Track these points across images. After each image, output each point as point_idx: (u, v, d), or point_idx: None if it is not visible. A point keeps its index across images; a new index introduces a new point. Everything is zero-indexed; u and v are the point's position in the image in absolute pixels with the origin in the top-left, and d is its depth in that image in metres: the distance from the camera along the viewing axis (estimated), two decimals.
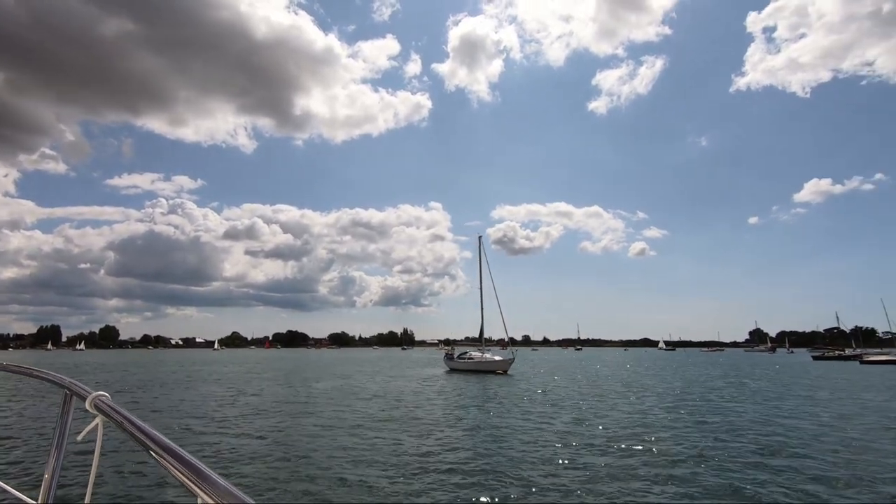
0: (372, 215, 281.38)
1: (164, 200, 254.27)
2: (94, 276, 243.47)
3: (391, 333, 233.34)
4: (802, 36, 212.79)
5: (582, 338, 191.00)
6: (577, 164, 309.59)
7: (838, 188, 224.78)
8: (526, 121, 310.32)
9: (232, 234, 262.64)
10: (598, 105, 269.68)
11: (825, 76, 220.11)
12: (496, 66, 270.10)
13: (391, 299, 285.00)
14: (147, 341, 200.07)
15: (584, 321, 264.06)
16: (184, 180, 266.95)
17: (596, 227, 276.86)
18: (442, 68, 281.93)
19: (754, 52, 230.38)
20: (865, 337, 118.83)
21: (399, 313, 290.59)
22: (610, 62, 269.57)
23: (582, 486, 7.57)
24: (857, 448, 10.20)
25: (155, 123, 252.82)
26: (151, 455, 0.96)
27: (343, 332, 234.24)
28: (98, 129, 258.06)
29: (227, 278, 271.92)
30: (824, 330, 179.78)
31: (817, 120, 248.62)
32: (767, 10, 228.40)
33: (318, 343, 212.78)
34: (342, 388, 24.00)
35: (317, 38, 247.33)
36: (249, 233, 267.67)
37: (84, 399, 1.29)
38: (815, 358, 63.86)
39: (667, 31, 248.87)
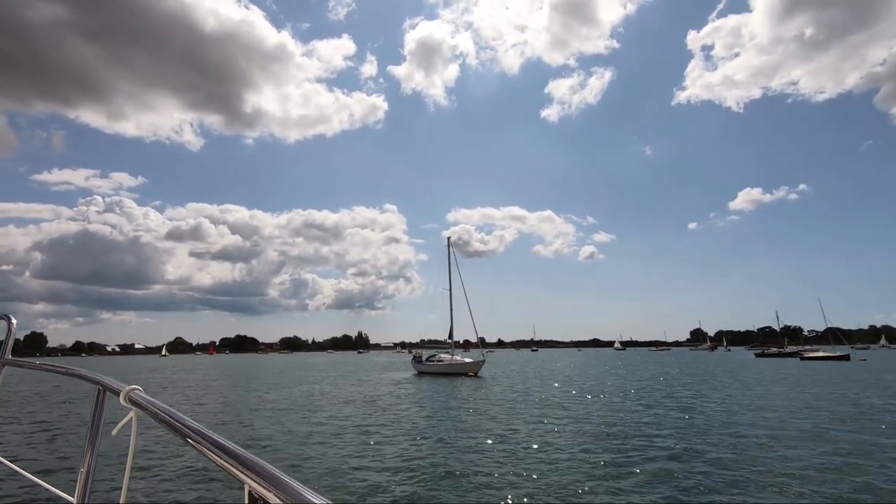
0: (325, 217, 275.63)
1: (99, 198, 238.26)
2: (17, 278, 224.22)
3: (345, 337, 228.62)
4: (737, 55, 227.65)
5: (535, 339, 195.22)
6: (530, 169, 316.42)
7: (768, 197, 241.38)
8: (481, 126, 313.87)
9: (176, 235, 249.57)
10: (551, 113, 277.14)
11: (756, 93, 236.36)
12: (452, 71, 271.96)
13: (345, 302, 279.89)
14: (79, 348, 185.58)
15: (536, 323, 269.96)
16: (123, 177, 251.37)
17: (548, 231, 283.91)
18: (398, 71, 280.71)
19: (694, 69, 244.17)
20: (792, 335, 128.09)
21: (353, 316, 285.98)
22: (562, 72, 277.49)
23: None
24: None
25: (90, 116, 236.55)
26: (191, 444, 0.95)
27: (295, 336, 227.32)
28: (26, 121, 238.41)
29: (170, 281, 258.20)
30: (757, 329, 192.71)
31: (750, 133, 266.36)
32: (706, 29, 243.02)
33: (268, 347, 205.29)
34: (313, 393, 22.84)
35: (269, 34, 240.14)
36: (195, 233, 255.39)
37: (117, 394, 1.30)
38: (757, 356, 67.88)
39: (615, 44, 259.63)
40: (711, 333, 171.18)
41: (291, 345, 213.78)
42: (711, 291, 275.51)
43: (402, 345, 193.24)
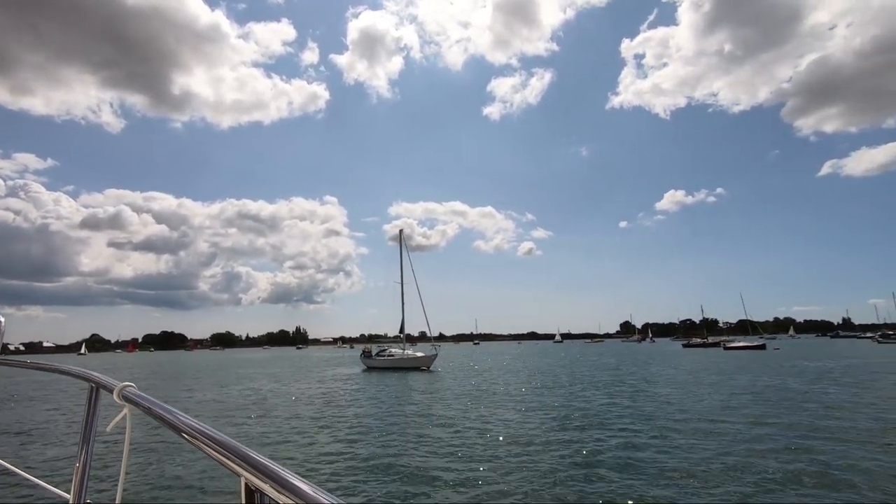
0: (261, 207, 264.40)
1: (0, 181, 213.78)
2: None
3: (282, 332, 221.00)
4: (665, 65, 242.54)
5: (475, 333, 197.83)
6: (472, 165, 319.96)
7: (690, 199, 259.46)
8: (424, 120, 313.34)
9: (92, 223, 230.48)
10: (493, 110, 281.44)
11: (682, 102, 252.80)
12: (396, 64, 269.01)
13: (281, 296, 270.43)
14: None
15: (475, 317, 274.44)
16: (28, 159, 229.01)
17: (489, 226, 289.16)
18: (340, 60, 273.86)
19: (626, 75, 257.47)
20: (710, 327, 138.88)
21: (290, 311, 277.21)
22: (504, 71, 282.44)
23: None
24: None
25: None
26: (185, 438, 0.95)
27: (227, 332, 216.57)
28: None
29: (85, 273, 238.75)
30: (680, 321, 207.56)
31: (675, 139, 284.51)
32: (638, 38, 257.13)
33: (197, 344, 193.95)
34: (258, 392, 21.52)
35: (201, 12, 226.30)
36: (114, 222, 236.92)
37: (111, 391, 1.29)
38: (683, 346, 72.74)
39: (555, 47, 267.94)
40: (639, 326, 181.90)
41: (223, 341, 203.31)
42: (640, 286, 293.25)
43: (343, 340, 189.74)
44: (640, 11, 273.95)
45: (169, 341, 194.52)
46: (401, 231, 37.95)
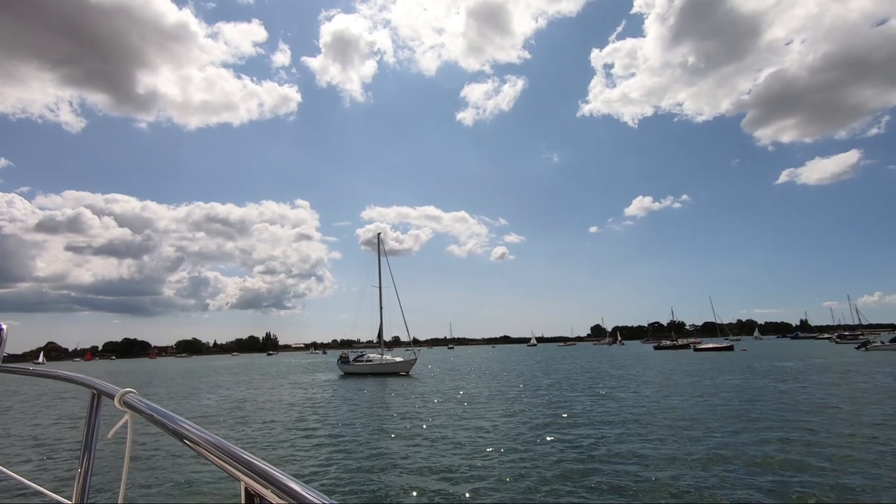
0: (230, 211, 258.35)
1: None
2: None
3: (251, 338, 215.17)
4: (633, 75, 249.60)
5: (448, 337, 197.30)
6: (445, 169, 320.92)
7: (657, 205, 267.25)
8: (398, 124, 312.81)
9: (48, 226, 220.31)
10: (466, 116, 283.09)
11: (649, 111, 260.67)
12: (370, 67, 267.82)
13: (251, 301, 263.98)
14: None
15: (449, 321, 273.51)
16: None
17: (462, 231, 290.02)
18: (313, 62, 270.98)
19: (596, 84, 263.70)
20: (678, 329, 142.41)
21: (259, 316, 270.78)
22: (477, 77, 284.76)
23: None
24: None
25: None
26: (187, 444, 0.96)
27: (194, 339, 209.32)
28: None
29: (40, 278, 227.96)
30: (648, 324, 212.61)
31: (642, 147, 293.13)
32: (607, 49, 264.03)
33: (162, 351, 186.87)
34: (230, 400, 20.59)
35: (168, 10, 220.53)
36: (73, 225, 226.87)
37: (112, 397, 1.31)
38: (655, 348, 74.22)
39: (527, 55, 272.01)
40: (609, 329, 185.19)
41: (190, 348, 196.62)
42: (611, 290, 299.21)
43: (315, 345, 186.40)
44: (609, 22, 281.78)
45: (131, 349, 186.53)
46: (378, 235, 37.43)
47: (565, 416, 13.74)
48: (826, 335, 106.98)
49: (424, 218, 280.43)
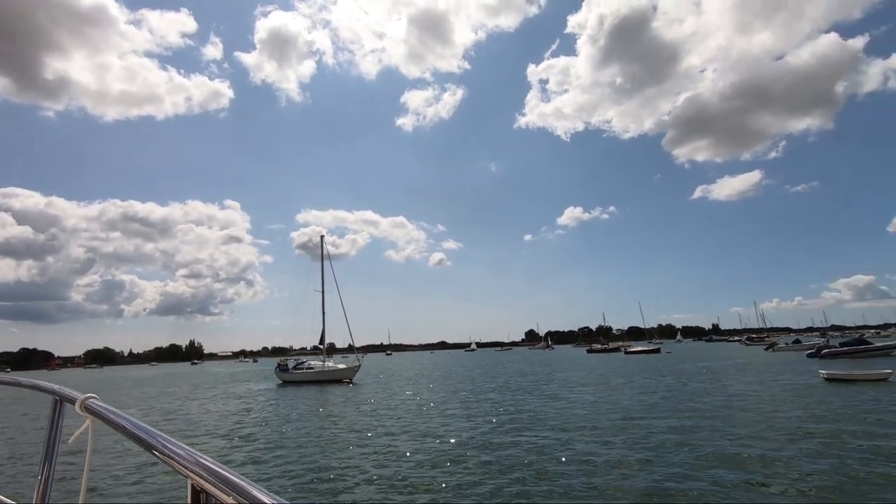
0: (151, 210, 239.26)
1: None
2: None
3: (173, 347, 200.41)
4: (566, 91, 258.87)
5: (385, 343, 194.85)
6: (384, 174, 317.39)
7: (587, 216, 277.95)
8: (336, 126, 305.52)
9: None
10: (406, 122, 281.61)
11: (580, 126, 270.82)
12: (308, 67, 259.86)
13: (172, 307, 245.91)
14: None
15: (387, 327, 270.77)
16: None
17: (400, 236, 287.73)
18: (247, 58, 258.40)
19: (532, 98, 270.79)
20: (605, 333, 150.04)
21: (183, 323, 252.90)
22: (418, 84, 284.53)
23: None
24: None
25: None
26: (148, 450, 0.98)
27: (105, 348, 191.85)
28: None
29: None
30: (578, 329, 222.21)
31: (574, 160, 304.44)
32: (543, 65, 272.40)
33: (67, 362, 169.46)
34: (151, 414, 18.79)
35: None
36: None
37: (73, 403, 1.30)
38: (588, 352, 77.36)
39: (467, 65, 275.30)
40: (541, 334, 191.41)
41: (100, 358, 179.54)
42: (544, 296, 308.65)
43: (245, 353, 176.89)
44: (545, 40, 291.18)
45: (30, 360, 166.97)
46: (322, 237, 36.09)
47: (523, 418, 13.75)
48: (736, 338, 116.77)
49: (362, 222, 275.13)
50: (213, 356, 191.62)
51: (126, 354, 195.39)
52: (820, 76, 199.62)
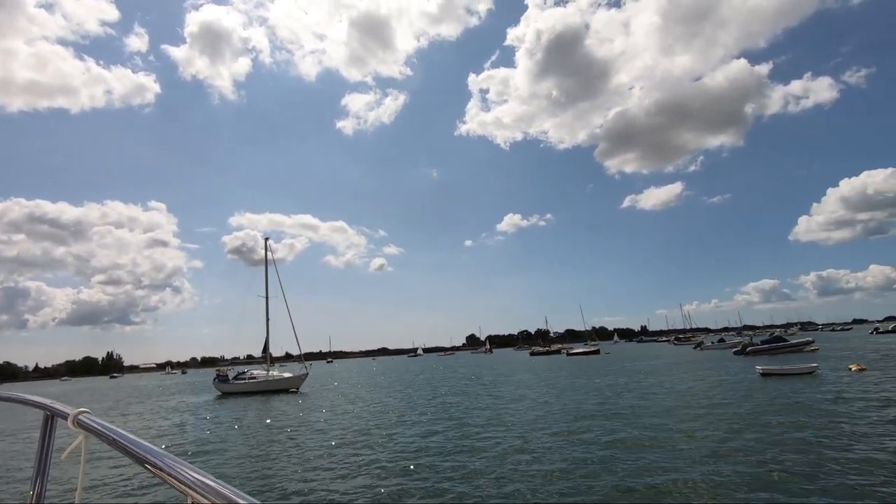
0: (63, 210, 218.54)
1: None
2: None
3: (87, 360, 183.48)
4: (505, 101, 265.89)
5: (324, 351, 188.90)
6: (323, 178, 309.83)
7: (525, 222, 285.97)
8: (273, 127, 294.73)
9: None
10: (346, 125, 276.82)
11: (519, 136, 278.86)
12: (243, 65, 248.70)
13: (87, 317, 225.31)
14: None
15: (326, 334, 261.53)
16: None
17: (340, 241, 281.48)
18: (176, 52, 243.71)
19: (472, 107, 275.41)
20: (543, 336, 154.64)
21: (99, 334, 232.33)
22: (359, 87, 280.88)
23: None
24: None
25: None
26: (143, 466, 0.97)
27: (6, 363, 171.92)
28: None
29: None
30: (518, 332, 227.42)
31: (513, 168, 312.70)
32: (483, 75, 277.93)
33: None
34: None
35: None
36: None
37: (66, 418, 1.29)
38: (531, 354, 79.08)
39: (409, 72, 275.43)
40: (482, 338, 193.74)
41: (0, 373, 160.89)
42: (485, 300, 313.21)
43: (171, 364, 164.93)
44: (486, 50, 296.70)
45: None
46: (266, 240, 34.20)
47: (488, 420, 13.54)
48: (664, 338, 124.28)
49: (300, 227, 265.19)
50: (134, 369, 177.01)
51: (31, 369, 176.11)
52: (732, 97, 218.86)
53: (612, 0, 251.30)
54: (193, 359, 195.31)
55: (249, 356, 46.44)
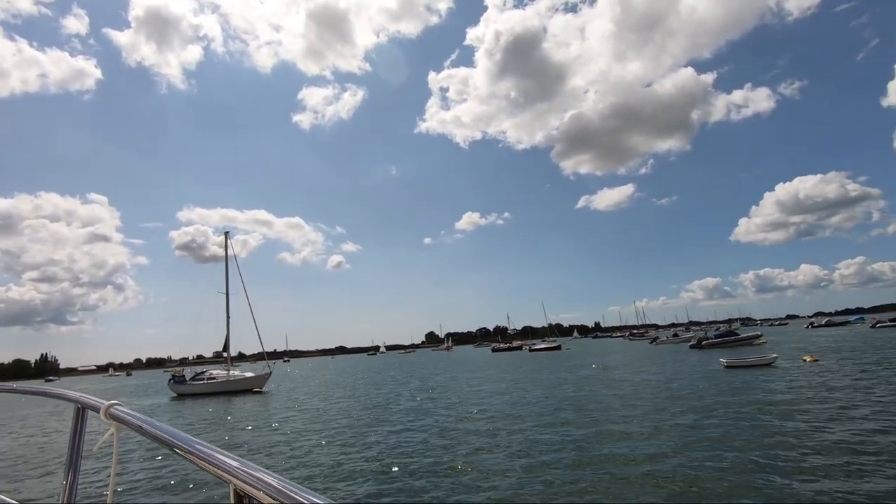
0: None
1: None
2: None
3: (18, 362, 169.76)
4: (465, 100, 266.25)
5: (279, 350, 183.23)
6: (278, 173, 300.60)
7: (483, 221, 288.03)
8: (226, 119, 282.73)
9: None
10: (303, 119, 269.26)
11: (478, 135, 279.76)
12: (194, 54, 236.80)
13: (17, 317, 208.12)
14: None
15: (282, 333, 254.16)
16: None
17: (296, 238, 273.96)
18: (119, 37, 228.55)
19: (432, 105, 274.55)
20: (501, 333, 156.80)
21: (31, 335, 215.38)
22: (317, 81, 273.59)
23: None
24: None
25: None
26: (177, 452, 0.98)
27: None
28: None
29: None
30: (476, 330, 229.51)
31: (472, 167, 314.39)
32: (443, 74, 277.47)
33: None
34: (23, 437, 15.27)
35: None
36: None
37: (97, 411, 1.31)
38: (493, 350, 79.73)
39: (368, 67, 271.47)
40: (441, 335, 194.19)
41: None
42: (445, 298, 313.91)
43: (115, 366, 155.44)
44: (446, 49, 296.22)
45: None
46: (226, 234, 32.50)
47: (471, 415, 13.29)
48: (618, 334, 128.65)
49: (254, 222, 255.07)
50: (72, 371, 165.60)
51: None
52: (679, 104, 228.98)
53: (569, 5, 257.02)
54: (138, 360, 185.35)
55: (200, 356, 44.33)
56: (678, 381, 19.01)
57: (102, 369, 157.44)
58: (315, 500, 0.70)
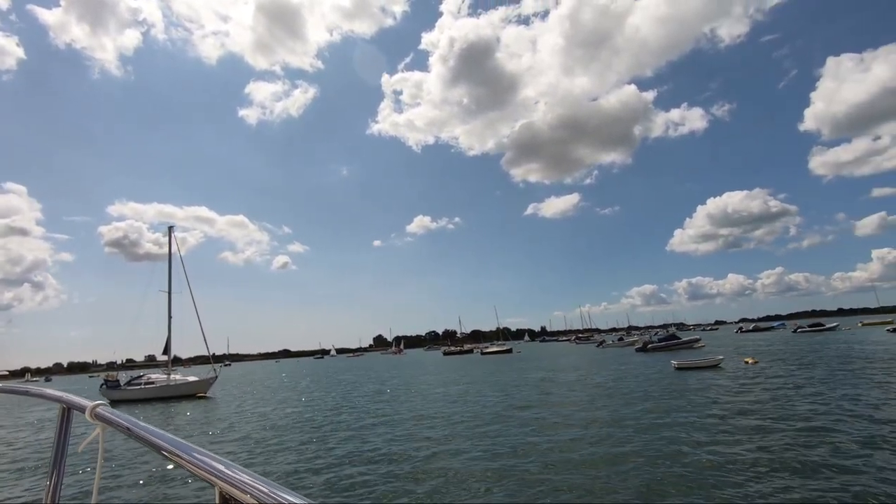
0: None
1: None
2: None
3: None
4: (418, 104, 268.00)
5: (218, 353, 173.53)
6: (222, 168, 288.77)
7: (434, 224, 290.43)
8: (165, 110, 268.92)
9: None
10: (250, 114, 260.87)
11: (431, 139, 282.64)
12: (131, 39, 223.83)
13: None
14: None
15: (223, 335, 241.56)
16: None
17: (240, 237, 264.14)
18: (46, 15, 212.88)
19: (385, 107, 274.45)
20: (451, 336, 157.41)
21: None
22: (265, 76, 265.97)
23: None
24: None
25: None
26: (163, 454, 0.97)
27: None
28: None
29: None
30: (426, 333, 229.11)
31: (424, 171, 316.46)
32: (396, 77, 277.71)
33: None
34: None
35: None
36: None
37: (83, 411, 1.30)
38: (444, 353, 79.59)
39: (320, 65, 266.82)
40: (391, 339, 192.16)
41: None
42: (394, 301, 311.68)
43: (31, 371, 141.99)
44: (400, 52, 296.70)
45: None
46: (170, 228, 30.38)
47: (437, 417, 12.97)
48: (564, 338, 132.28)
49: (194, 219, 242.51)
50: None
51: None
52: (623, 119, 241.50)
53: (522, 17, 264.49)
54: (58, 364, 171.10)
55: (130, 360, 41.24)
56: (635, 381, 19.57)
57: (17, 374, 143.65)
58: (300, 502, 0.69)
